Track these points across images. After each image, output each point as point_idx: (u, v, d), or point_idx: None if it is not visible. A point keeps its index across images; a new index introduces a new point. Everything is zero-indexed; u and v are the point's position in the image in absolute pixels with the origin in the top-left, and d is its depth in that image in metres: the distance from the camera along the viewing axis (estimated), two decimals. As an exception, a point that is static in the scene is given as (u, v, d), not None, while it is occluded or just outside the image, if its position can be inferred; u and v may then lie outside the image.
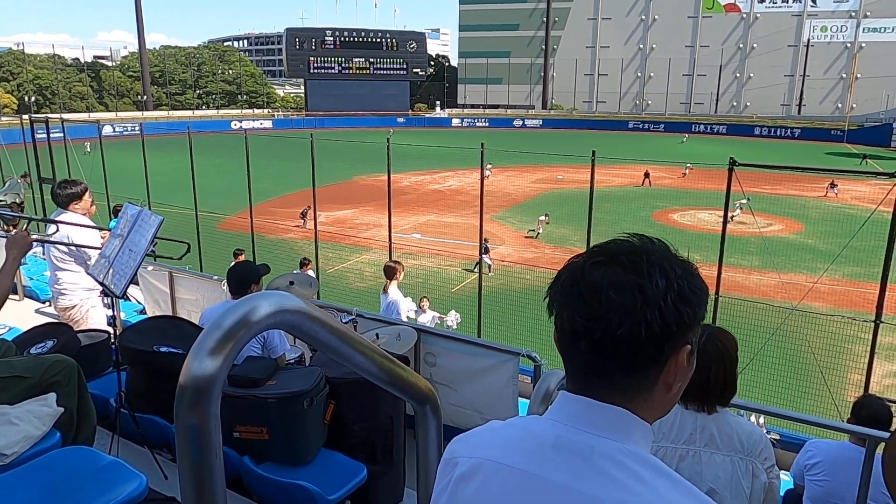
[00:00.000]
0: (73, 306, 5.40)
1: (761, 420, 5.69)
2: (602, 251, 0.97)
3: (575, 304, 0.92)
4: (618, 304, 0.89)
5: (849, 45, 70.76)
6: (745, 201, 22.27)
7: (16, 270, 3.05)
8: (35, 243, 4.45)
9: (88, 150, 17.89)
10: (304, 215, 24.10)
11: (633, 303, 0.89)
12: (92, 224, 5.20)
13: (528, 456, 0.94)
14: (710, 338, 2.16)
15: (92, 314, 5.46)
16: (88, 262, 5.06)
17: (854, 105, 67.06)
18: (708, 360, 2.11)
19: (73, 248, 5.04)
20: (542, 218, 24.91)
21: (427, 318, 10.70)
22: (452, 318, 11.08)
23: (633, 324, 0.89)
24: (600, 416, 0.93)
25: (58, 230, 4.86)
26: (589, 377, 0.94)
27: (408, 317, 9.05)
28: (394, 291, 8.44)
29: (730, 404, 2.21)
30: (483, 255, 19.54)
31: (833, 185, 32.79)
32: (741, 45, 75.02)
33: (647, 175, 35.71)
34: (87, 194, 5.26)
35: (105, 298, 5.63)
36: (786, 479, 4.16)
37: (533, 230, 24.68)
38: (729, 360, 2.16)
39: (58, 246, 5.04)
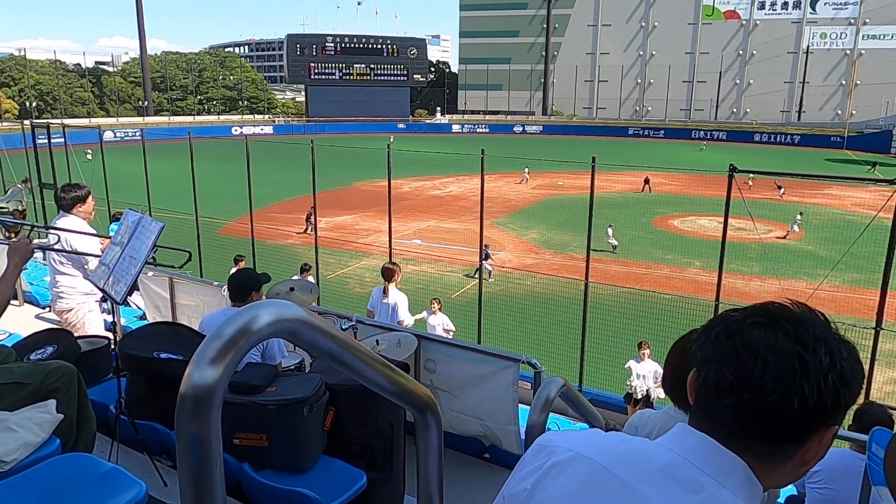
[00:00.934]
0: (70, 310, 5.44)
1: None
2: (765, 312, 0.92)
3: (726, 359, 0.88)
4: (774, 370, 0.85)
5: (848, 51, 70.99)
6: (799, 217, 22.18)
7: (17, 277, 3.05)
8: (36, 250, 4.46)
9: (89, 156, 17.88)
10: (308, 219, 24.08)
11: (792, 373, 0.84)
12: (93, 231, 5.21)
13: (631, 469, 0.91)
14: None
15: (89, 318, 5.47)
16: (87, 267, 5.08)
17: (854, 112, 67.18)
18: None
19: (73, 253, 5.06)
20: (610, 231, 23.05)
21: (437, 321, 10.69)
22: (437, 322, 10.97)
23: (786, 394, 0.84)
24: (717, 458, 0.89)
25: (59, 240, 4.88)
26: (716, 424, 0.90)
27: (415, 320, 9.01)
28: (394, 294, 8.37)
29: None
30: (483, 261, 19.68)
31: (779, 187, 32.40)
32: (741, 52, 75.25)
33: (647, 181, 35.75)
34: (90, 198, 5.32)
35: (105, 304, 5.64)
36: (788, 486, 4.15)
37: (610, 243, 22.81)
38: None
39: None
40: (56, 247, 4.98)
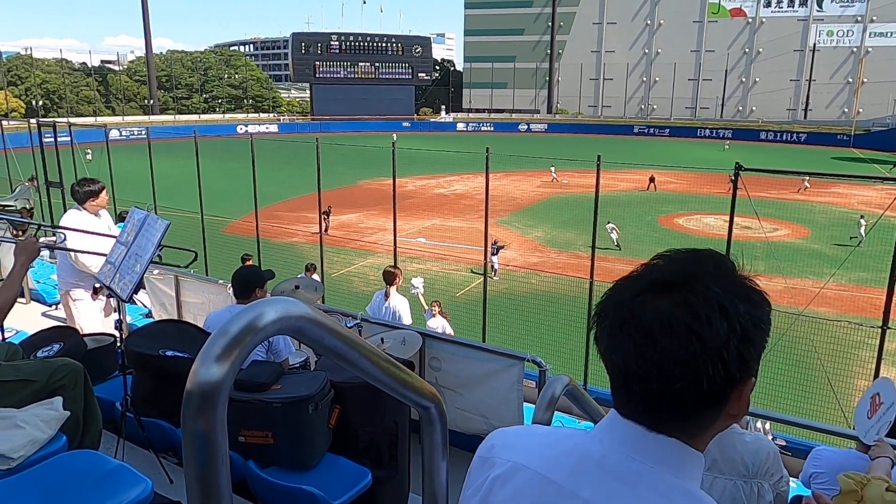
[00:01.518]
0: (63, 294, 5.70)
1: (767, 426, 5.67)
2: (651, 274, 0.88)
3: (625, 348, 0.85)
4: (673, 354, 0.81)
5: (855, 49, 70.63)
6: (862, 219, 22.10)
7: (24, 276, 3.07)
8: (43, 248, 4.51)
9: (90, 157, 17.85)
10: (327, 215, 24.02)
11: (690, 352, 0.81)
12: (95, 231, 5.25)
13: (568, 471, 0.91)
14: None
15: (79, 307, 5.57)
16: (71, 257, 5.23)
17: (860, 109, 66.85)
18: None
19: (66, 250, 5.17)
20: (610, 226, 23.02)
21: (437, 324, 10.67)
22: (419, 283, 10.89)
23: (692, 376, 0.81)
24: (651, 445, 0.87)
25: (65, 238, 4.94)
26: (637, 410, 0.88)
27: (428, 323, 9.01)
28: (396, 297, 8.39)
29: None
30: (493, 256, 19.77)
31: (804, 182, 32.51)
32: (747, 50, 74.95)
33: (652, 179, 35.66)
34: (103, 193, 5.53)
35: (112, 301, 5.67)
36: (792, 486, 4.14)
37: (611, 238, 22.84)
38: None
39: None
40: (62, 245, 5.04)
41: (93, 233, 5.10)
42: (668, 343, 0.81)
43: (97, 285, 5.25)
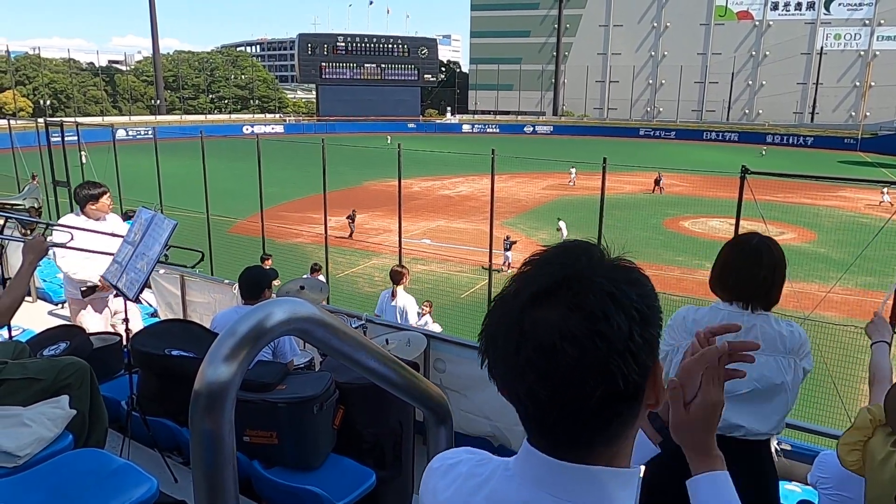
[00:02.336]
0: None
1: (773, 430, 5.64)
2: (531, 286, 0.79)
3: (528, 374, 0.76)
4: (581, 361, 0.74)
5: (862, 52, 70.38)
6: (885, 190, 21.82)
7: (31, 275, 3.08)
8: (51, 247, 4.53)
9: (84, 160, 17.80)
10: (353, 219, 24.01)
11: (599, 355, 0.74)
12: (95, 229, 5.25)
13: None
14: (761, 242, 2.32)
15: (83, 316, 5.57)
16: (57, 263, 5.26)
17: (868, 113, 66.59)
18: (759, 262, 2.26)
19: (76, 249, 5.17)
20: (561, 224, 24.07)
21: (424, 321, 10.68)
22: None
23: (608, 383, 0.75)
24: (571, 479, 0.80)
25: (72, 237, 4.96)
26: (553, 441, 0.81)
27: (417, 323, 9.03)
28: (403, 296, 8.43)
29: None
30: (506, 252, 20.44)
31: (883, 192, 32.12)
32: (754, 53, 74.77)
33: (657, 181, 35.57)
34: (104, 197, 5.43)
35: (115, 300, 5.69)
36: (797, 491, 4.13)
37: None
38: (779, 264, 2.33)
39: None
40: (69, 245, 5.05)
41: (105, 233, 5.10)
42: (574, 352, 0.74)
43: (87, 286, 5.25)
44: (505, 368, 0.79)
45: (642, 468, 0.88)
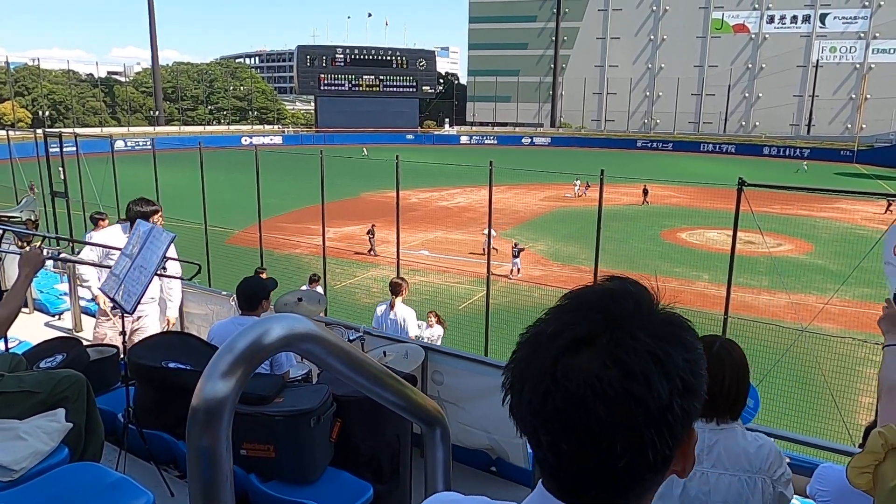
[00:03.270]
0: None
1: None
2: (570, 331, 0.73)
3: (554, 425, 0.71)
4: (612, 423, 0.69)
5: (858, 65, 70.88)
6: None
7: (27, 287, 3.07)
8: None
9: (63, 175, 17.66)
10: (372, 234, 23.87)
11: (632, 421, 0.69)
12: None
13: None
14: (722, 347, 2.09)
15: (146, 323, 5.61)
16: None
17: (864, 125, 66.99)
18: (722, 371, 2.04)
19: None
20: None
21: (433, 333, 10.66)
22: None
23: (636, 450, 0.70)
24: None
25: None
26: (574, 490, 0.76)
27: (416, 335, 9.04)
28: (402, 308, 8.44)
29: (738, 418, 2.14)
30: (515, 259, 21.01)
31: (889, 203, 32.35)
32: (750, 65, 75.26)
33: (645, 192, 35.61)
34: (155, 216, 5.44)
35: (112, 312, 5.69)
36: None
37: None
38: (742, 370, 2.11)
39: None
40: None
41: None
42: (604, 412, 0.68)
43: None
44: (530, 414, 0.74)
45: None
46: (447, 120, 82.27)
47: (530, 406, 0.73)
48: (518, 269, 21.33)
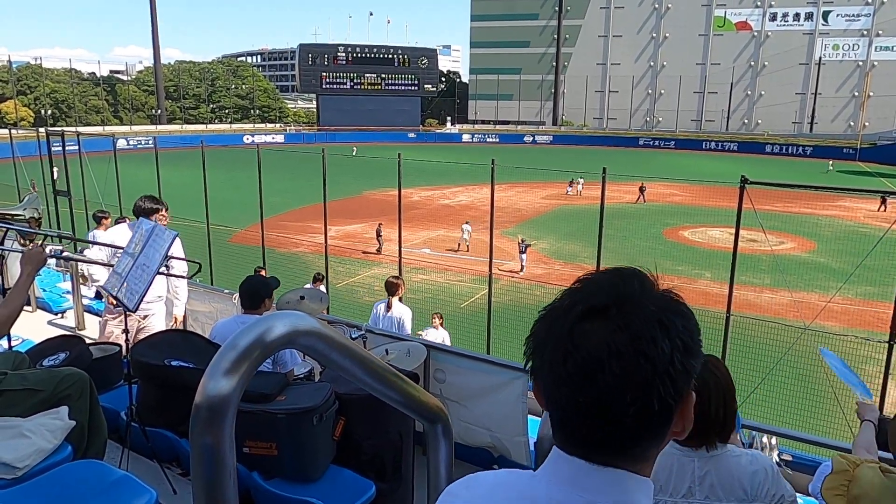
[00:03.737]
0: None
1: (773, 441, 5.62)
2: (584, 302, 0.85)
3: (574, 381, 0.82)
4: (624, 377, 0.80)
5: (861, 63, 70.69)
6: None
7: (30, 285, 3.07)
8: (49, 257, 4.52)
9: (55, 175, 17.62)
10: (380, 233, 24.00)
11: (641, 374, 0.80)
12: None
13: None
14: (705, 367, 1.86)
15: (152, 321, 5.61)
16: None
17: (867, 123, 66.82)
18: (707, 393, 1.92)
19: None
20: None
21: (437, 336, 10.64)
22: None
23: (645, 400, 0.81)
24: (597, 479, 0.86)
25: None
26: (584, 444, 0.87)
27: (419, 334, 9.03)
28: (399, 307, 8.45)
29: (729, 439, 2.04)
30: (521, 255, 21.45)
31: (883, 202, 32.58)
32: (752, 63, 75.09)
33: (641, 189, 35.54)
34: (155, 214, 5.44)
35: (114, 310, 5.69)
36: (798, 503, 4.10)
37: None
38: (728, 390, 2.00)
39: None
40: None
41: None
42: (619, 368, 0.80)
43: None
44: (551, 375, 0.85)
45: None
46: (449, 118, 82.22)
47: (551, 367, 0.85)
48: (522, 267, 21.55)
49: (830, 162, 54.75)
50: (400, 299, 8.65)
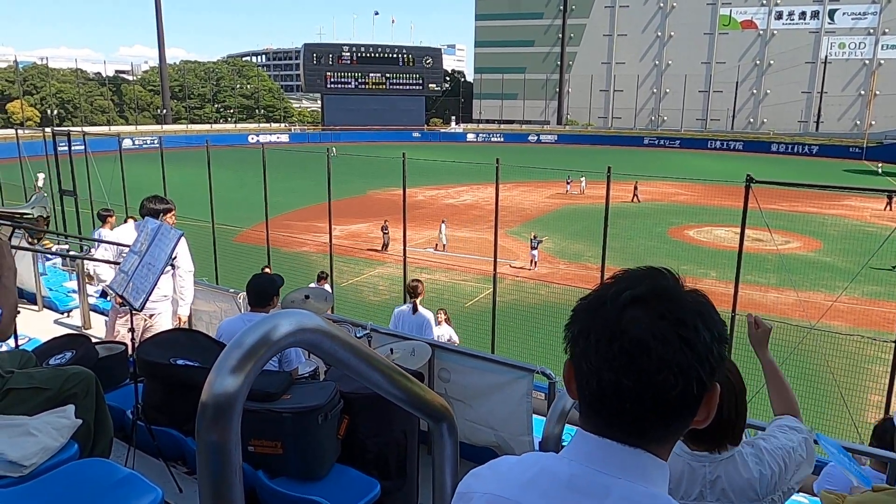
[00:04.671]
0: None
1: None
2: (629, 290, 0.91)
3: (618, 364, 0.87)
4: (669, 361, 0.86)
5: (867, 61, 70.36)
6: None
7: (14, 280, 2.79)
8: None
9: (41, 182, 17.51)
10: (386, 230, 24.08)
11: (684, 358, 0.86)
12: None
13: (541, 495, 0.93)
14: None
15: (159, 321, 5.63)
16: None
17: (873, 122, 66.49)
18: (721, 401, 1.85)
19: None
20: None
21: (442, 332, 10.63)
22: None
23: (686, 382, 0.86)
24: (619, 457, 0.90)
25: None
26: (615, 425, 0.91)
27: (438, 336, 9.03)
28: (423, 310, 8.41)
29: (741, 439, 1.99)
30: (533, 251, 21.92)
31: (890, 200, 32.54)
32: (758, 62, 74.82)
33: (635, 188, 35.41)
34: (168, 215, 5.43)
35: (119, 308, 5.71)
36: (804, 502, 4.10)
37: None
38: (740, 392, 1.97)
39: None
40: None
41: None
42: (664, 352, 0.85)
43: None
44: (597, 357, 0.89)
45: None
46: (454, 117, 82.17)
47: (597, 350, 0.89)
48: (535, 263, 21.91)
49: (879, 165, 52.66)
50: (421, 300, 8.62)
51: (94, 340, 4.66)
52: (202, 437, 0.98)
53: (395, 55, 76.95)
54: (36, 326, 6.43)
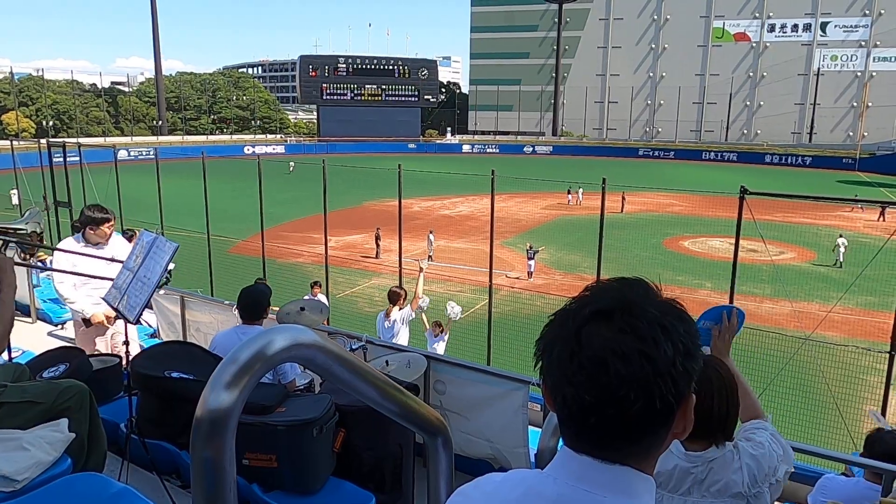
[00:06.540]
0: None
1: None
2: (591, 305, 0.90)
3: (577, 380, 0.86)
4: (627, 377, 0.84)
5: (859, 73, 71.00)
6: (841, 238, 21.16)
7: (13, 295, 2.84)
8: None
9: (16, 200, 17.28)
10: (378, 238, 24.22)
11: (644, 374, 0.84)
12: (93, 254, 5.21)
13: None
14: (708, 366, 1.94)
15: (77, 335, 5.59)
16: (54, 287, 5.16)
17: (866, 133, 66.99)
18: (710, 392, 1.92)
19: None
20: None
21: (441, 346, 10.70)
22: (452, 310, 10.39)
23: (647, 399, 0.84)
24: (605, 476, 0.89)
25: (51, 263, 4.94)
26: (584, 440, 0.91)
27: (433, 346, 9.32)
28: (396, 314, 8.93)
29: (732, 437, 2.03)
30: (530, 261, 21.97)
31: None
32: (751, 74, 75.42)
33: (623, 198, 35.49)
34: (105, 224, 5.34)
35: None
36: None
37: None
38: (730, 388, 2.00)
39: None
40: (56, 267, 5.05)
41: (87, 255, 5.04)
42: (622, 368, 0.84)
43: (86, 316, 5.25)
44: (558, 373, 0.88)
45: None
46: (449, 129, 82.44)
47: (559, 365, 0.88)
48: (531, 273, 21.96)
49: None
50: (400, 308, 8.94)
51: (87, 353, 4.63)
52: (196, 452, 0.98)
53: (390, 67, 77.28)
54: (29, 338, 6.39)
